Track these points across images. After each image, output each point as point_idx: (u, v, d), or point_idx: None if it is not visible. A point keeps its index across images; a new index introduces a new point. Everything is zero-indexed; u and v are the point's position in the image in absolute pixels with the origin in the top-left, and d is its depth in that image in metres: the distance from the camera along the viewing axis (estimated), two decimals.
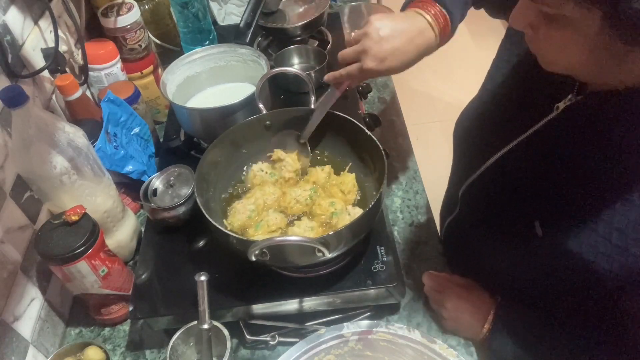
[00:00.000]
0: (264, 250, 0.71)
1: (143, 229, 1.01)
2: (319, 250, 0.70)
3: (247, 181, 0.94)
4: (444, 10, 0.79)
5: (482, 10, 0.92)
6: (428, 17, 0.78)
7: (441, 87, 3.03)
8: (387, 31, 0.77)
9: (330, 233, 0.71)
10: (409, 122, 1.28)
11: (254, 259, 0.70)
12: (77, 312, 0.96)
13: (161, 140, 1.18)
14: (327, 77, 0.86)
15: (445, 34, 0.81)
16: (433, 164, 1.55)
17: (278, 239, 0.67)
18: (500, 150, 0.78)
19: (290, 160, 0.91)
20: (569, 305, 0.77)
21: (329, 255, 0.70)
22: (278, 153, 0.93)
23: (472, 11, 0.93)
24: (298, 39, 1.26)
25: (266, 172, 0.91)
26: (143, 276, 0.88)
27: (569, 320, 0.78)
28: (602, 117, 0.65)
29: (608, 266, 0.64)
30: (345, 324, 0.80)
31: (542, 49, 0.63)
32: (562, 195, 0.69)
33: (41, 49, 0.98)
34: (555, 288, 0.76)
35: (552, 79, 0.67)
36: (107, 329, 0.94)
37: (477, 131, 0.86)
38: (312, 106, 0.92)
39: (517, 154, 0.76)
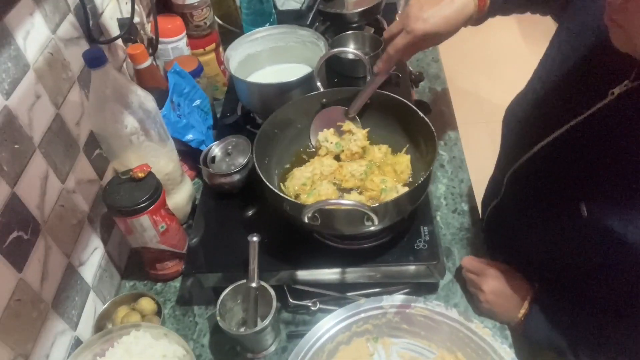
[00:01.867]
0: (316, 214, 0.75)
1: (198, 196, 1.07)
2: (368, 219, 0.74)
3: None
4: None
5: (537, 15, 0.93)
6: None
7: (490, 88, 3.01)
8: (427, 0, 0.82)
9: (379, 204, 0.75)
10: (458, 123, 1.29)
11: (306, 220, 0.74)
12: (133, 266, 1.03)
13: (218, 116, 1.24)
14: (377, 66, 0.89)
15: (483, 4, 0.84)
16: (477, 161, 1.55)
17: (332, 201, 0.71)
18: (551, 135, 0.80)
19: (360, 135, 0.95)
20: (607, 289, 0.78)
21: (377, 223, 0.73)
22: (350, 125, 0.96)
23: (526, 15, 0.95)
24: (355, 25, 1.29)
25: (331, 143, 0.94)
26: (197, 235, 0.93)
27: (605, 306, 0.79)
28: None
29: None
30: (384, 296, 0.84)
31: (629, 21, 0.60)
32: (610, 178, 0.70)
33: (117, 18, 1.05)
34: (595, 272, 0.77)
35: (609, 65, 0.68)
36: (159, 284, 1.00)
37: (528, 116, 0.88)
38: None
39: (568, 139, 0.78)
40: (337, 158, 0.97)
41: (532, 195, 0.86)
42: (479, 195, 1.11)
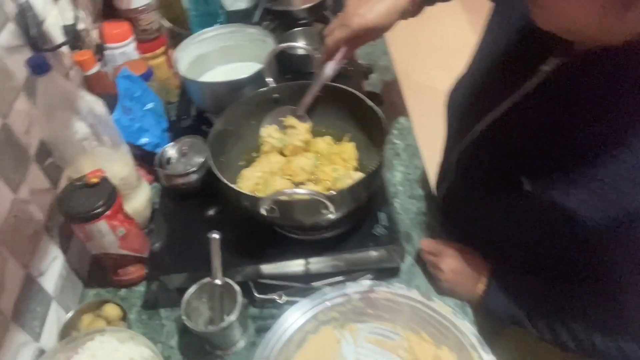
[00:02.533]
0: (274, 206, 0.76)
1: (157, 200, 1.07)
2: (325, 207, 0.75)
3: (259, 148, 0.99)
4: None
5: (485, 4, 0.97)
6: None
7: (445, 79, 3.06)
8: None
9: (335, 192, 0.77)
10: (414, 114, 1.32)
11: (264, 213, 0.75)
12: (95, 274, 1.02)
13: (172, 119, 1.24)
14: (320, 57, 0.93)
15: None
16: (436, 151, 1.58)
17: (288, 191, 0.72)
18: (489, 115, 0.83)
19: (302, 129, 0.96)
20: (557, 259, 0.82)
21: (333, 210, 0.75)
22: (291, 120, 0.98)
23: (475, 5, 0.99)
24: (303, 22, 1.31)
25: (274, 138, 0.96)
26: (159, 237, 0.93)
27: (558, 276, 0.83)
28: (588, 79, 0.69)
29: (591, 216, 0.69)
30: (348, 283, 0.85)
31: (547, 3, 0.63)
32: (549, 152, 0.74)
33: (61, 26, 1.04)
34: (544, 243, 0.81)
35: (538, 44, 0.72)
36: (123, 290, 0.99)
37: (467, 99, 0.91)
38: None
39: (506, 118, 0.81)
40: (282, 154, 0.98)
41: (478, 175, 0.90)
42: (435, 182, 1.15)
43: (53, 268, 0.91)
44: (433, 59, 3.21)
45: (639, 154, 0.64)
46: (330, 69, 0.92)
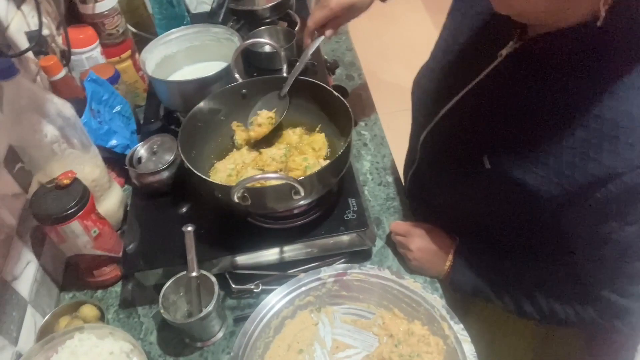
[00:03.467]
0: (245, 194, 0.78)
1: (129, 201, 1.07)
2: (296, 192, 0.77)
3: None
4: None
5: (445, 3, 1.01)
6: None
7: (410, 77, 3.12)
8: None
9: (305, 176, 0.79)
10: (380, 111, 1.36)
11: (237, 201, 0.77)
12: (70, 277, 1.02)
13: (141, 122, 1.24)
14: (304, 43, 0.97)
15: None
16: (403, 145, 1.62)
17: (258, 176, 0.74)
18: (453, 98, 0.87)
19: (264, 116, 0.99)
20: (517, 233, 0.86)
21: (304, 195, 0.77)
22: (258, 119, 1.00)
23: (435, 4, 1.03)
24: (267, 20, 1.33)
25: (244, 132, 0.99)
26: (133, 236, 0.94)
27: (518, 249, 0.87)
28: (539, 60, 0.74)
29: (546, 189, 0.73)
30: (322, 268, 0.88)
31: None
32: (507, 131, 0.78)
33: (25, 32, 1.04)
34: (504, 218, 0.85)
35: (497, 29, 0.76)
36: (99, 291, 0.99)
37: (431, 85, 0.95)
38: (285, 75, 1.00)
39: (468, 100, 0.85)
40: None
41: (442, 157, 0.93)
42: (402, 169, 1.18)
43: (27, 272, 0.91)
44: (397, 57, 3.27)
45: (589, 128, 0.68)
46: (311, 50, 0.97)
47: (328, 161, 0.93)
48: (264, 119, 0.99)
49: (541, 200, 0.74)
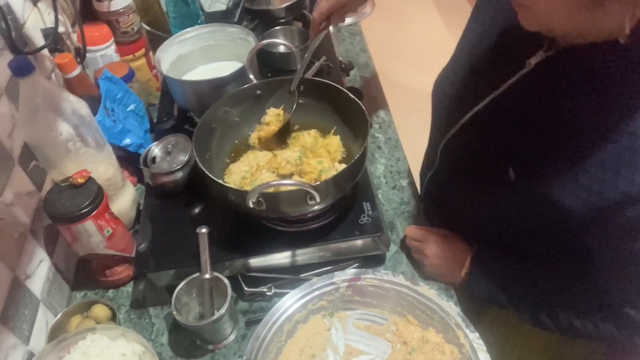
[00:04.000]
0: (260, 199, 0.77)
1: (142, 201, 1.07)
2: (311, 198, 0.77)
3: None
4: None
5: (459, 5, 1.00)
6: None
7: (421, 78, 3.09)
8: None
9: (320, 182, 0.78)
10: (392, 111, 1.34)
11: (251, 206, 0.76)
12: (82, 276, 1.02)
13: (154, 121, 1.24)
14: (311, 33, 0.96)
15: None
16: (413, 146, 1.61)
17: (274, 182, 0.74)
18: (477, 105, 0.85)
19: (272, 113, 0.98)
20: (539, 245, 0.84)
21: (319, 200, 0.77)
22: (266, 117, 0.99)
23: (447, 5, 1.02)
24: (282, 21, 1.33)
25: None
26: (145, 236, 0.94)
27: (538, 261, 0.85)
28: (571, 72, 0.72)
29: (574, 204, 0.71)
30: (335, 272, 0.87)
31: (530, 3, 0.66)
32: (534, 143, 0.76)
33: (41, 29, 1.04)
34: (526, 230, 0.83)
35: (523, 38, 0.74)
36: (110, 291, 0.99)
37: (454, 90, 0.93)
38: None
39: (493, 109, 0.83)
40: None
41: (463, 164, 0.92)
42: (417, 173, 1.17)
43: (40, 271, 0.90)
44: (408, 58, 3.25)
45: (621, 144, 0.66)
46: (318, 41, 0.96)
47: (343, 164, 0.92)
48: (271, 117, 0.99)
49: (567, 215, 0.72)
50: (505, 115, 0.82)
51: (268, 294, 0.92)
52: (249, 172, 0.92)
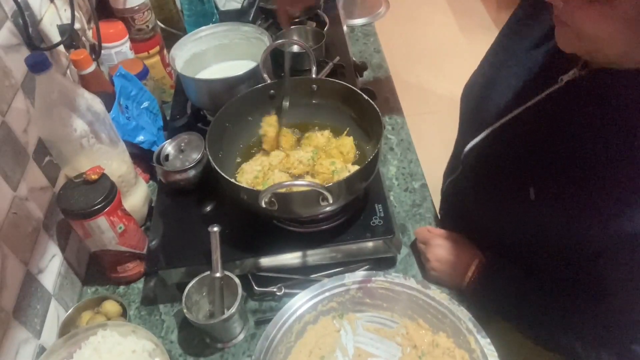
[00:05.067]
0: (273, 199, 0.77)
1: (154, 198, 1.08)
2: (324, 199, 0.76)
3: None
4: None
5: (472, 6, 0.99)
6: None
7: (433, 80, 3.11)
8: None
9: (333, 183, 0.78)
10: (405, 112, 1.34)
11: (264, 206, 0.76)
12: (93, 272, 1.02)
13: (168, 118, 1.24)
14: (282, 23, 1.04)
15: None
16: (426, 148, 1.60)
17: (287, 183, 0.73)
18: (504, 117, 0.84)
19: (263, 128, 0.99)
20: (553, 267, 0.82)
21: (332, 202, 0.76)
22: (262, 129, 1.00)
23: (461, 7, 1.01)
24: (297, 20, 1.32)
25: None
26: (157, 233, 0.94)
27: (550, 283, 0.83)
28: (602, 93, 0.70)
29: (591, 232, 0.70)
30: (346, 274, 0.87)
31: (573, 21, 0.64)
32: (558, 163, 0.74)
33: (57, 25, 1.04)
34: (540, 250, 0.82)
35: (558, 52, 0.71)
36: (121, 287, 1.00)
37: (483, 96, 0.91)
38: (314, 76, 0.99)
39: (520, 121, 0.82)
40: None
41: (485, 175, 0.90)
42: (429, 175, 1.16)
43: (52, 266, 0.91)
44: (422, 59, 3.24)
45: None
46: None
47: (356, 166, 0.92)
48: (266, 127, 1.00)
49: (584, 241, 0.71)
50: (532, 131, 0.80)
51: (278, 294, 0.92)
52: (261, 172, 0.92)
